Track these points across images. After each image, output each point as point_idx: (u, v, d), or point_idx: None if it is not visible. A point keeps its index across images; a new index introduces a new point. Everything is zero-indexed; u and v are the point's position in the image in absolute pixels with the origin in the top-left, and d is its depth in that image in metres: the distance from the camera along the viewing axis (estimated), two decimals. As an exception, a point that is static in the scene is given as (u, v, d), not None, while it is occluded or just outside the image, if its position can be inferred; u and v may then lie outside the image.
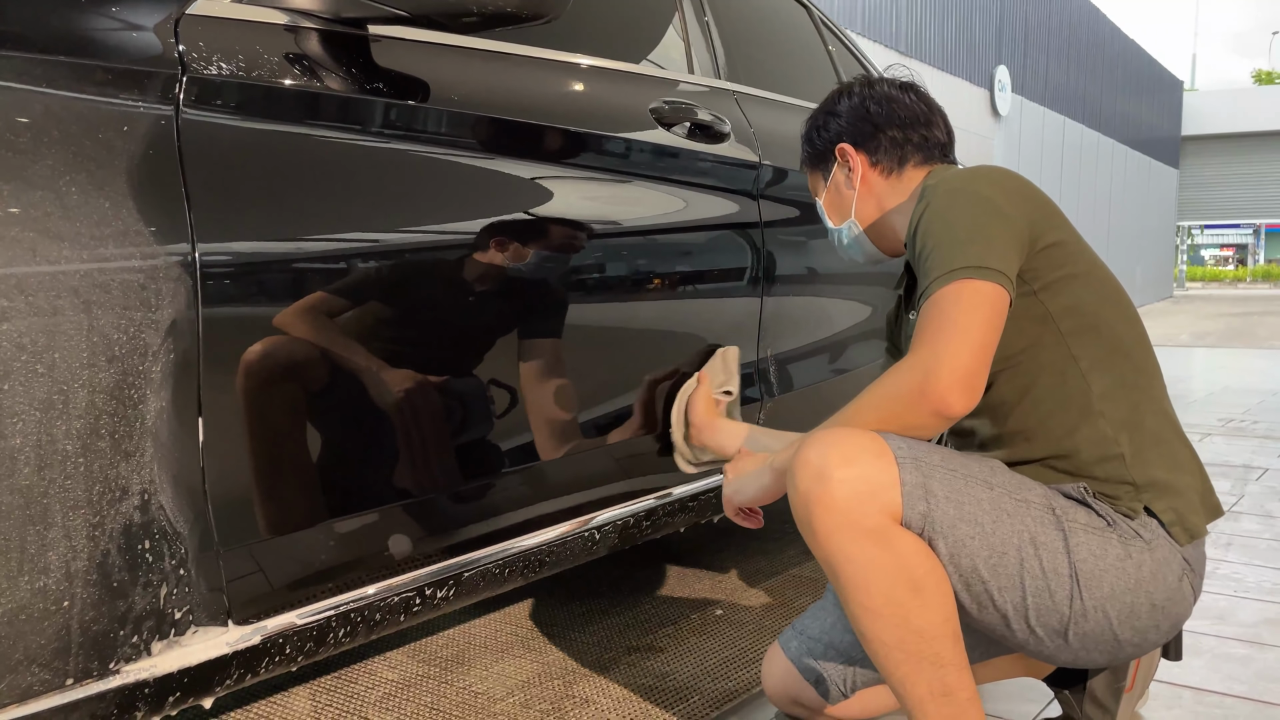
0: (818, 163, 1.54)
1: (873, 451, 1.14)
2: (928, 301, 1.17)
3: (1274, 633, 1.95)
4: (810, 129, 1.54)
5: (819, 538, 1.14)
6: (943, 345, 1.12)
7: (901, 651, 1.13)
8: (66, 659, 0.96)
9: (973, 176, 1.28)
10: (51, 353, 0.92)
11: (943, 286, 1.16)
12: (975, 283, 1.16)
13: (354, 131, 1.24)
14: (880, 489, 1.13)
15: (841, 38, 2.77)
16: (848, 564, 1.13)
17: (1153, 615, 1.21)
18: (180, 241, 1.02)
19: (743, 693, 1.69)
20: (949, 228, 1.21)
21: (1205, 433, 4.37)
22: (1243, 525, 2.80)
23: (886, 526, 1.12)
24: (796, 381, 2.13)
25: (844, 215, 1.50)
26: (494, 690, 1.71)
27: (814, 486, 1.13)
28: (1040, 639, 1.20)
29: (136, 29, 1.05)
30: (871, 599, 1.12)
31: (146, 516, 1.01)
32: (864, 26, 9.06)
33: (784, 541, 2.64)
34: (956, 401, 1.12)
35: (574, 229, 1.55)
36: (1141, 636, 1.23)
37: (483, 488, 1.44)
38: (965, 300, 1.15)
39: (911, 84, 1.51)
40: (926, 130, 1.46)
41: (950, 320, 1.14)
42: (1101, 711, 1.40)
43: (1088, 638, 1.20)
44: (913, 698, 1.14)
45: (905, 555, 1.12)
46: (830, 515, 1.12)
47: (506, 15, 1.27)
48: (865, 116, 1.46)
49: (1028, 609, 1.18)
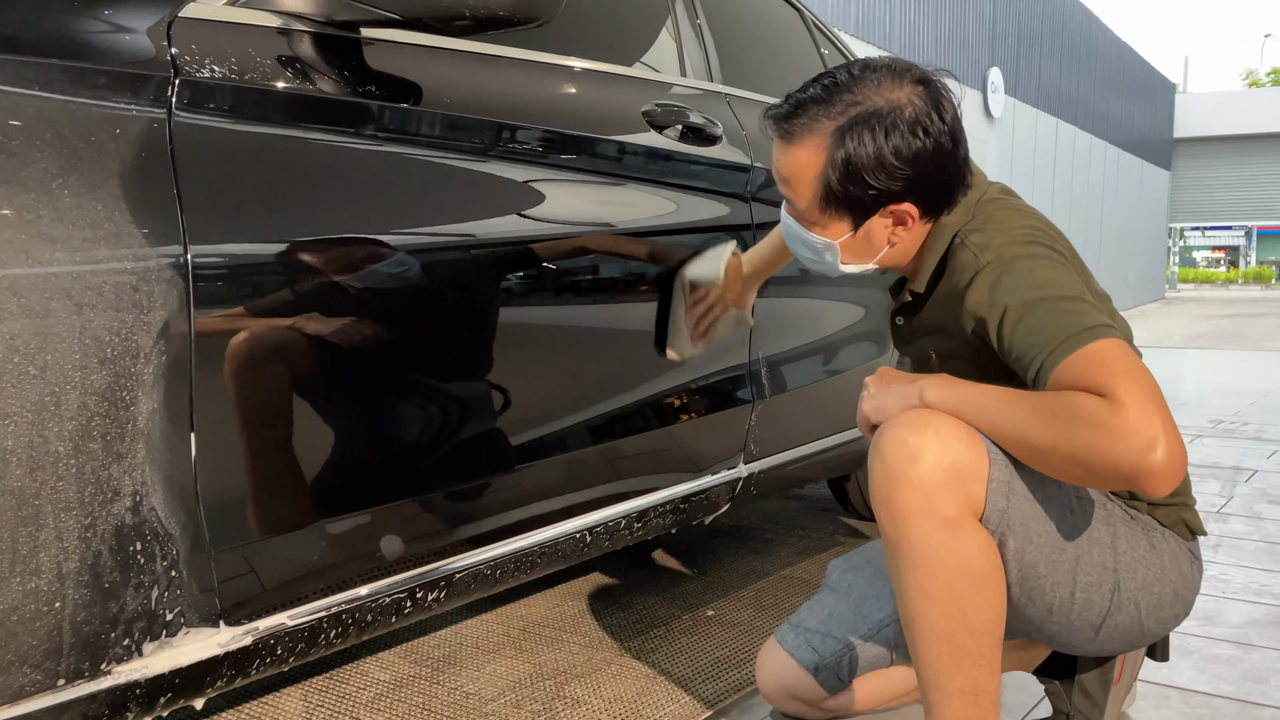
0: (847, 208, 1.24)
1: (967, 441, 1.13)
2: (1094, 352, 1.06)
3: (1261, 634, 1.97)
4: (851, 170, 1.20)
5: (896, 515, 1.14)
6: (1170, 425, 1.01)
7: (948, 643, 1.14)
8: (58, 660, 0.96)
9: (1023, 236, 1.20)
10: (44, 354, 0.92)
11: (1100, 339, 1.07)
12: (1124, 343, 1.08)
13: (346, 135, 1.24)
14: (969, 479, 1.13)
15: (834, 40, 2.78)
16: (919, 546, 1.13)
17: (1174, 604, 1.28)
18: (172, 244, 1.02)
19: (734, 693, 1.70)
20: (1043, 286, 1.13)
21: (1196, 434, 4.39)
22: (1231, 527, 2.81)
23: (965, 518, 1.13)
24: (789, 383, 2.14)
25: (864, 260, 1.30)
26: (485, 691, 1.71)
27: (906, 465, 1.12)
28: (1074, 630, 1.24)
29: (129, 32, 1.05)
30: (933, 584, 1.13)
31: (138, 518, 1.01)
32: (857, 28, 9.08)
33: (776, 542, 2.65)
34: (1163, 489, 1.01)
35: (566, 231, 1.55)
36: (1162, 626, 1.29)
37: (474, 489, 1.44)
38: (1140, 363, 1.06)
39: (952, 102, 1.24)
40: (969, 167, 1.28)
41: (1157, 393, 1.03)
42: (1090, 704, 1.42)
43: (1117, 629, 1.25)
44: (942, 690, 1.15)
45: (974, 549, 1.13)
46: (914, 496, 1.12)
47: (499, 18, 1.27)
48: (938, 172, 1.22)
49: (1074, 603, 1.22)
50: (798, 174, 1.25)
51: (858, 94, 1.21)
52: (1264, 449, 4.04)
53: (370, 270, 1.24)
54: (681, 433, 1.85)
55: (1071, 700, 1.43)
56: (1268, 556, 2.51)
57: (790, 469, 2.20)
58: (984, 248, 1.20)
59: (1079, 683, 1.43)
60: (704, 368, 1.89)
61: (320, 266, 1.19)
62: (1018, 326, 1.13)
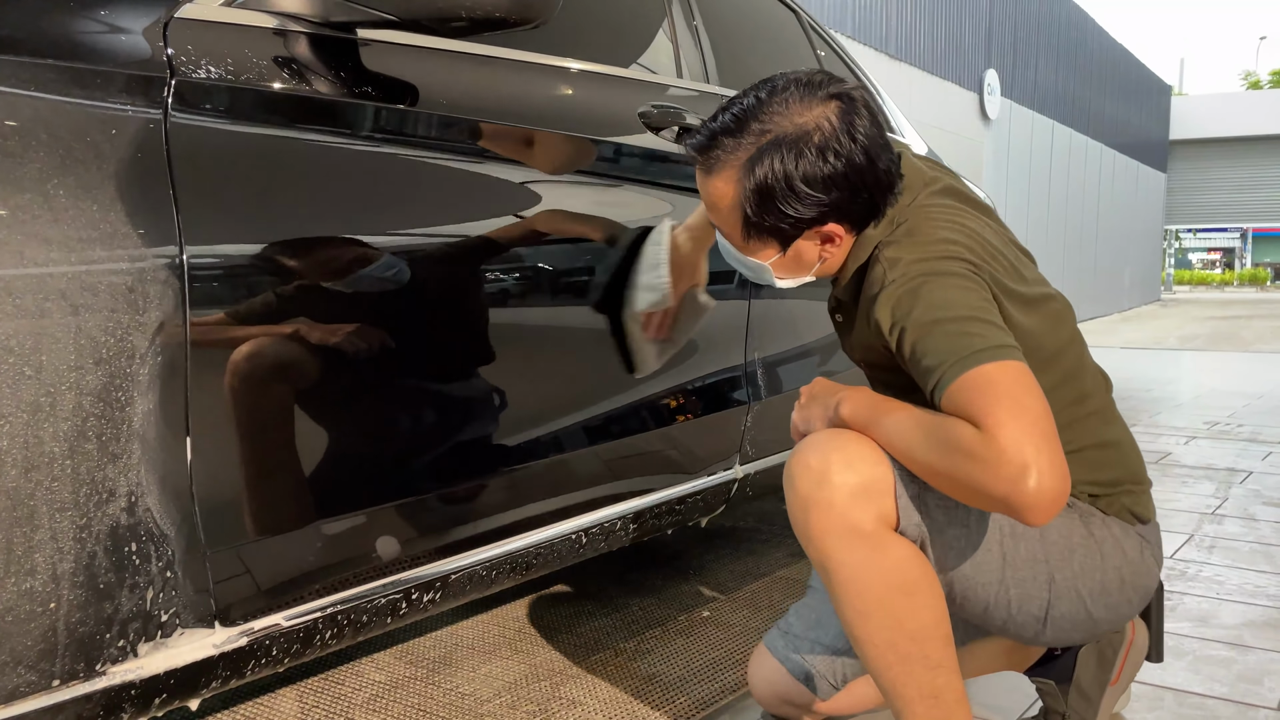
0: (770, 234, 1.23)
1: (871, 459, 1.15)
2: (978, 378, 1.04)
3: (1256, 635, 1.97)
4: (765, 199, 1.18)
5: (814, 539, 1.15)
6: (1046, 453, 0.99)
7: (893, 653, 1.15)
8: (53, 660, 0.96)
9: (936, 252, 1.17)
10: (39, 355, 0.92)
11: (986, 364, 1.05)
12: (1016, 364, 1.06)
13: (343, 135, 1.24)
14: (877, 495, 1.14)
15: (830, 42, 2.79)
16: (842, 567, 1.14)
17: (1122, 590, 1.28)
18: (168, 244, 1.03)
19: (729, 693, 1.70)
20: (940, 308, 1.12)
21: (1190, 435, 4.39)
22: (1226, 528, 2.82)
23: (881, 531, 1.14)
24: (785, 384, 2.14)
25: (799, 275, 1.29)
26: (481, 691, 1.71)
27: (814, 490, 1.14)
28: (1019, 624, 1.25)
29: (125, 32, 1.05)
30: (865, 602, 1.14)
31: (133, 518, 1.01)
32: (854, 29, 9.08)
33: (771, 544, 2.65)
34: (1040, 520, 1.00)
35: (563, 233, 1.55)
36: (1115, 612, 1.29)
37: (469, 490, 1.44)
38: (1027, 386, 1.04)
39: (877, 115, 1.22)
40: (896, 174, 1.24)
41: (1038, 418, 1.02)
42: (1086, 704, 1.43)
43: (1065, 619, 1.26)
44: (902, 699, 1.16)
45: (899, 559, 1.14)
46: (827, 518, 1.14)
47: (495, 20, 1.28)
48: (855, 192, 1.19)
49: (1010, 599, 1.23)
50: (717, 203, 1.24)
51: (767, 120, 1.18)
52: (1259, 450, 4.04)
53: (365, 271, 1.24)
54: (677, 434, 1.85)
55: (1068, 701, 1.44)
56: (1262, 558, 2.51)
57: (786, 470, 2.20)
58: (893, 264, 1.18)
59: (1076, 683, 1.43)
60: (700, 369, 1.89)
61: (315, 267, 1.19)
62: (914, 348, 1.11)
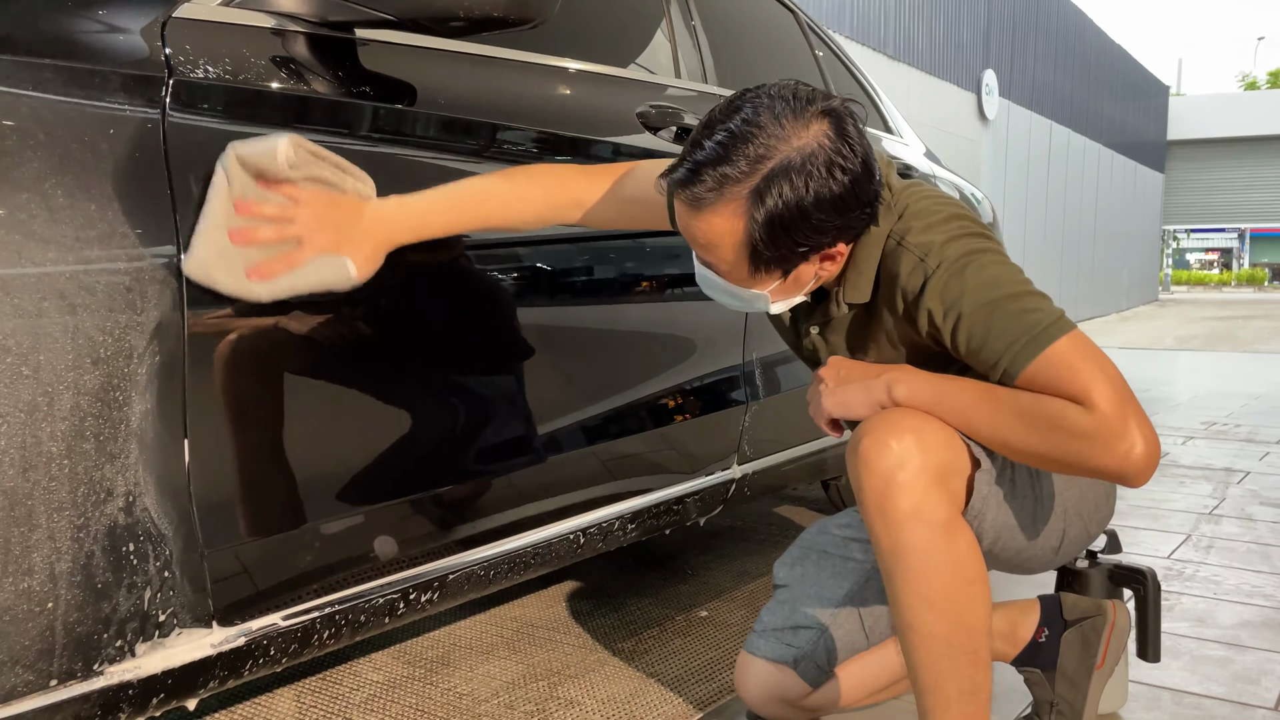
0: (777, 265, 1.15)
1: (946, 441, 1.15)
2: (1057, 355, 1.07)
3: (1253, 635, 1.97)
4: (777, 231, 1.10)
5: (891, 523, 1.14)
6: (1143, 419, 1.06)
7: (948, 645, 1.14)
8: (50, 660, 0.96)
9: (958, 230, 1.17)
10: (36, 355, 0.92)
11: (1058, 339, 1.08)
12: (1077, 332, 1.11)
13: (341, 135, 1.24)
14: (952, 478, 1.15)
15: (828, 42, 2.79)
16: (914, 553, 1.13)
17: (1107, 503, 1.39)
18: (166, 244, 1.02)
19: (727, 693, 1.70)
20: (992, 286, 1.13)
21: (1188, 435, 4.40)
22: (1223, 528, 2.82)
23: (954, 518, 1.15)
24: (783, 384, 2.14)
25: (792, 296, 1.24)
26: (479, 691, 1.71)
27: (894, 471, 1.13)
28: (1038, 558, 1.36)
29: (123, 32, 1.05)
30: (932, 590, 1.14)
31: (131, 518, 1.01)
32: (852, 30, 9.09)
33: (769, 544, 2.65)
34: (1144, 481, 1.07)
35: (559, 232, 1.55)
36: (1101, 526, 1.40)
37: (467, 490, 1.44)
38: (1098, 354, 1.09)
39: (860, 120, 1.16)
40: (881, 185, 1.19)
41: (1122, 384, 1.07)
42: (1074, 690, 1.43)
43: (1072, 542, 1.36)
44: (941, 693, 1.16)
45: (965, 549, 1.15)
46: (906, 501, 1.12)
47: (493, 20, 1.27)
48: (861, 206, 1.14)
49: (1039, 538, 1.30)
50: (716, 241, 1.13)
51: (762, 145, 1.08)
52: (1256, 451, 4.05)
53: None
54: (675, 434, 1.85)
55: (1054, 688, 1.44)
56: (1259, 558, 2.52)
57: (784, 470, 2.20)
58: (927, 250, 1.16)
59: (1061, 669, 1.44)
60: (698, 369, 1.89)
61: (314, 267, 1.19)
62: (975, 331, 1.12)
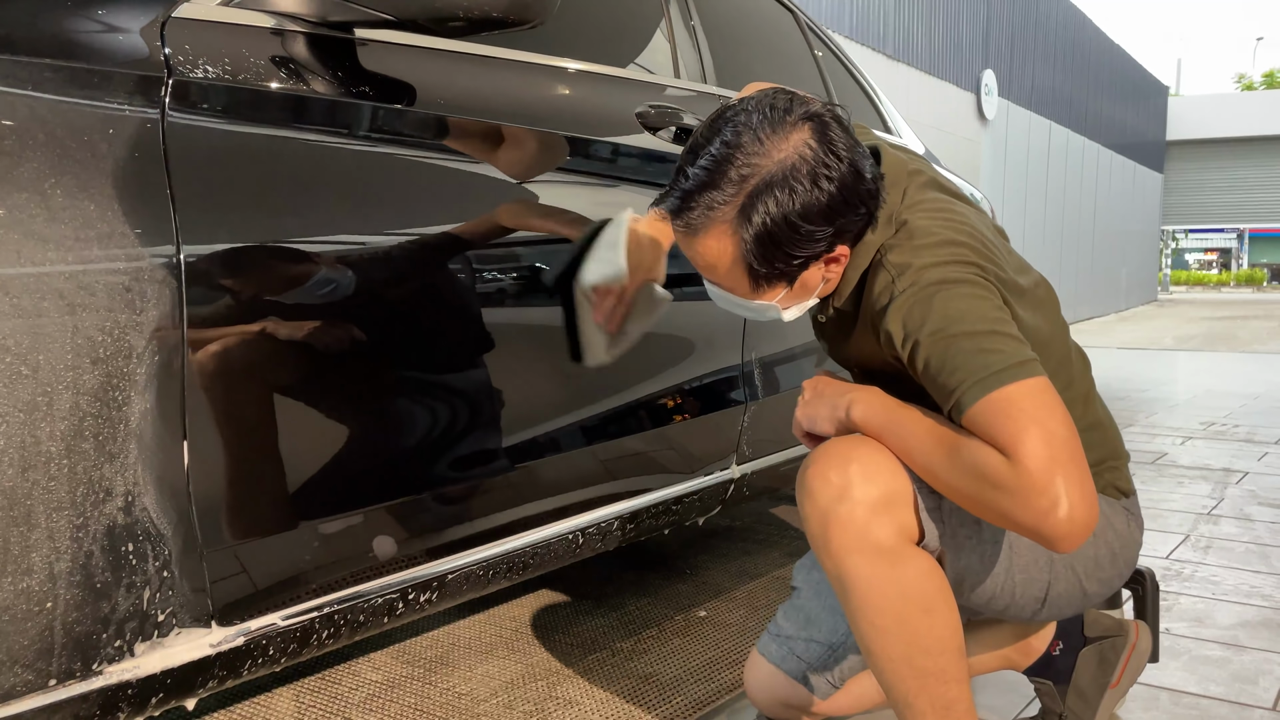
0: (779, 277, 1.15)
1: (889, 470, 1.13)
2: (1000, 400, 1.02)
3: (1251, 635, 1.97)
4: (768, 248, 1.11)
5: (834, 555, 1.13)
6: (1075, 481, 0.99)
7: (908, 667, 1.14)
8: (49, 659, 0.96)
9: (944, 256, 1.13)
10: (36, 354, 0.92)
11: (1008, 384, 1.02)
12: (1037, 381, 1.03)
13: (340, 135, 1.24)
14: (898, 508, 1.13)
15: (827, 42, 2.79)
16: (860, 582, 1.12)
17: (1114, 564, 1.29)
18: (165, 244, 1.03)
19: (726, 693, 1.70)
20: (956, 320, 1.08)
21: (1187, 435, 4.40)
22: (1222, 529, 2.82)
23: (901, 545, 1.13)
24: (782, 384, 2.14)
25: (804, 300, 1.23)
26: (478, 691, 1.71)
27: (834, 504, 1.12)
28: (1020, 606, 1.26)
29: (123, 32, 1.05)
30: (883, 618, 1.13)
31: (130, 518, 1.01)
32: (851, 30, 9.09)
33: (767, 543, 2.65)
34: (1070, 547, 1.00)
35: (560, 232, 1.55)
36: (1106, 586, 1.30)
37: (466, 490, 1.44)
38: (1050, 406, 1.02)
39: (846, 124, 1.14)
40: (880, 179, 1.18)
41: (1064, 442, 1.00)
42: (1084, 706, 1.43)
43: (1061, 597, 1.27)
44: (914, 710, 1.15)
45: (918, 575, 1.13)
46: (847, 534, 1.12)
47: (493, 20, 1.27)
48: (853, 211, 1.13)
49: (1015, 585, 1.23)
50: (715, 263, 1.15)
51: (743, 164, 1.09)
52: (1255, 451, 4.05)
53: (362, 271, 1.24)
54: (674, 434, 1.86)
55: (1065, 701, 1.44)
56: (1257, 558, 2.52)
57: (783, 470, 2.20)
58: (901, 271, 1.14)
59: (1075, 684, 1.43)
60: (697, 369, 1.89)
61: (312, 267, 1.19)
62: (929, 363, 1.08)
